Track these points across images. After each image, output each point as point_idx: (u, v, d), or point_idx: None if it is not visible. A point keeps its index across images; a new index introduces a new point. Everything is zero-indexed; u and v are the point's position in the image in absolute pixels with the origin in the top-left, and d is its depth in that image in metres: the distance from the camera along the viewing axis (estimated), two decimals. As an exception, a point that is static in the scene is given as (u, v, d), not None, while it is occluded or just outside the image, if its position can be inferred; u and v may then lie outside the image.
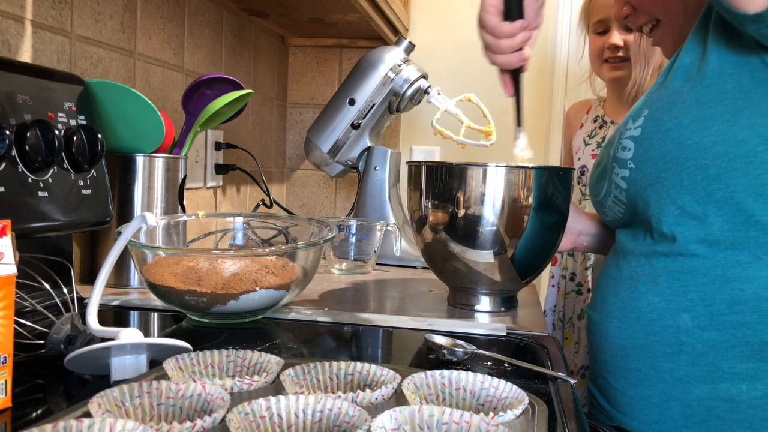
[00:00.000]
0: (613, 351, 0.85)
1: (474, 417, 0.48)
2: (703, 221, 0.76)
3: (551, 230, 0.95)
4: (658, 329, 0.79)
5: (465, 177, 0.92)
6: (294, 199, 2.04)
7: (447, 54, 1.90)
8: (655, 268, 0.80)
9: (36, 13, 0.93)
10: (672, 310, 0.78)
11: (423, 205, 0.97)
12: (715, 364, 0.76)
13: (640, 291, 0.81)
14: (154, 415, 0.52)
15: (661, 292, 0.79)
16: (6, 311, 0.54)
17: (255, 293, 0.83)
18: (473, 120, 1.44)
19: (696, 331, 0.76)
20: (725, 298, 0.75)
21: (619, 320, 0.83)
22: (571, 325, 1.61)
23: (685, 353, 0.77)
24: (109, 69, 1.11)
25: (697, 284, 0.76)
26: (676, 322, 0.78)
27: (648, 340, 0.80)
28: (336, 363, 0.60)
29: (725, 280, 0.75)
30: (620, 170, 0.83)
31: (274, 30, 1.86)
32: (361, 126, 1.46)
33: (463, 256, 0.94)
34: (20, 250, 0.58)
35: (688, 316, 0.77)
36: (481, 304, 0.98)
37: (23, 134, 0.78)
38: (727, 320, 0.75)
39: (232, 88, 1.13)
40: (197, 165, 1.46)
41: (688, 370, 0.77)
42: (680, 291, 0.77)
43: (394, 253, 1.35)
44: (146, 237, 0.95)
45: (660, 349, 0.79)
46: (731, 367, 0.75)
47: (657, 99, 0.81)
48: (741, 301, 0.74)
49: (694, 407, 0.77)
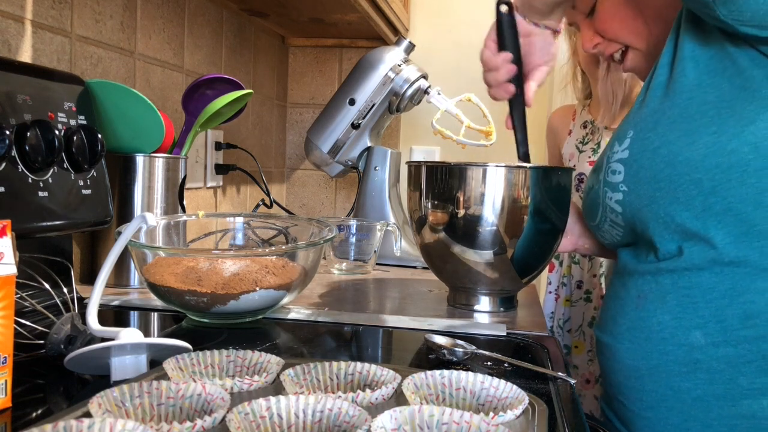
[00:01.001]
0: (626, 373, 0.82)
1: (474, 417, 0.48)
2: (705, 236, 0.74)
3: (550, 230, 0.95)
4: (671, 348, 0.77)
5: (465, 177, 0.92)
6: (294, 199, 2.04)
7: (447, 54, 1.90)
8: (662, 286, 0.78)
9: (36, 13, 0.93)
10: (683, 328, 0.76)
11: (423, 205, 0.97)
12: (733, 381, 0.73)
13: (649, 310, 0.79)
14: (154, 415, 0.52)
15: (671, 310, 0.77)
16: (6, 311, 0.54)
17: (255, 293, 0.83)
18: (473, 120, 1.44)
19: (710, 348, 0.74)
20: (737, 312, 0.73)
21: (630, 341, 0.81)
22: (581, 333, 1.60)
23: (701, 371, 0.75)
24: (109, 69, 1.11)
25: (706, 300, 0.74)
26: (688, 339, 0.75)
27: (661, 360, 0.78)
28: (336, 363, 0.60)
29: (735, 294, 0.73)
30: (613, 194, 0.81)
31: (274, 30, 1.86)
32: (361, 126, 1.46)
33: (462, 256, 0.94)
34: (20, 250, 0.58)
35: (700, 333, 0.74)
36: (480, 304, 0.99)
37: (23, 134, 0.78)
38: (741, 335, 0.72)
39: (232, 88, 1.13)
40: (197, 165, 1.46)
41: (706, 388, 0.75)
42: (690, 307, 0.75)
43: (394, 253, 1.35)
44: (146, 237, 0.95)
45: (675, 368, 0.77)
46: (750, 383, 0.72)
47: (640, 119, 0.80)
48: (753, 314, 0.72)
49: (715, 426, 0.75)
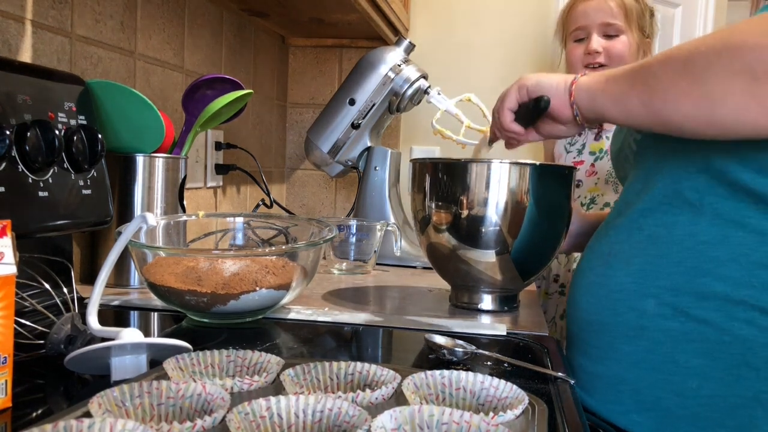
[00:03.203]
0: (580, 325, 0.85)
1: (474, 417, 0.48)
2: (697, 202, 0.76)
3: (554, 228, 0.95)
4: (623, 310, 0.78)
5: (468, 173, 0.92)
6: (294, 199, 2.04)
7: (447, 54, 1.90)
8: (632, 246, 0.80)
9: (36, 13, 0.93)
10: (639, 294, 0.77)
11: (426, 204, 0.97)
12: (670, 356, 0.75)
13: (615, 268, 0.81)
14: (154, 415, 0.52)
15: (633, 274, 0.78)
16: (6, 311, 0.54)
17: (255, 293, 0.83)
18: (473, 120, 1.44)
19: (658, 318, 0.76)
20: (693, 291, 0.74)
21: (590, 295, 0.83)
22: (554, 324, 1.62)
23: (644, 339, 0.77)
24: (109, 69, 1.11)
25: (668, 272, 0.76)
26: (641, 305, 0.77)
27: (612, 319, 0.79)
28: (336, 363, 0.60)
29: (697, 274, 0.74)
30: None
31: (274, 30, 1.86)
32: (361, 126, 1.46)
33: (465, 254, 0.94)
34: (20, 250, 0.58)
35: (653, 302, 0.76)
36: (483, 302, 0.98)
37: (23, 134, 0.78)
38: (691, 314, 0.74)
39: (232, 88, 1.13)
40: (197, 165, 1.46)
41: (644, 356, 0.77)
42: (651, 275, 0.77)
43: (394, 253, 1.35)
44: (146, 237, 0.95)
45: (621, 330, 0.78)
46: (686, 362, 0.74)
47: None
48: (708, 297, 0.73)
49: (644, 394, 0.77)
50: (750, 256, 0.72)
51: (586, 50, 1.50)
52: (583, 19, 1.51)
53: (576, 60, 1.55)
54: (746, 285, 0.71)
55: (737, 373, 0.72)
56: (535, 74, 0.85)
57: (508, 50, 1.89)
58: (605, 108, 0.76)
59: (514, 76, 0.91)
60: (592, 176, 1.56)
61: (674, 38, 1.91)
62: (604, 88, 0.75)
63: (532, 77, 0.84)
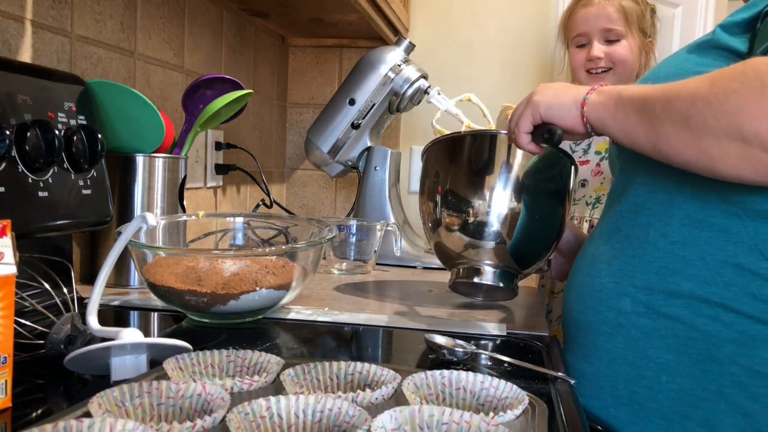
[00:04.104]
0: (569, 323, 0.89)
1: (474, 417, 0.48)
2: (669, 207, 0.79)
3: (552, 215, 0.98)
4: (604, 309, 0.82)
5: (484, 142, 0.97)
6: (294, 199, 2.04)
7: (447, 54, 1.90)
8: (613, 249, 0.83)
9: (36, 13, 0.93)
10: (617, 293, 0.80)
11: (433, 181, 1.00)
12: (643, 352, 0.78)
13: (598, 269, 0.84)
14: (154, 415, 0.52)
15: (613, 274, 0.81)
16: (6, 311, 0.54)
17: (255, 293, 0.83)
18: (473, 120, 1.44)
19: (633, 316, 0.79)
20: (664, 290, 0.77)
21: (577, 294, 0.87)
22: (560, 323, 1.62)
23: (621, 336, 0.80)
24: (109, 69, 1.11)
25: (643, 272, 0.78)
26: (618, 304, 0.80)
27: (594, 318, 0.83)
28: (336, 363, 0.60)
29: (668, 273, 0.77)
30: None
31: (274, 30, 1.86)
32: (361, 126, 1.46)
33: (469, 229, 0.96)
34: (20, 250, 0.58)
35: (629, 300, 0.79)
36: (480, 276, 0.97)
37: (23, 134, 0.78)
38: (662, 311, 0.77)
39: (232, 88, 1.13)
40: (197, 165, 1.46)
41: (620, 352, 0.80)
42: (628, 275, 0.80)
43: (394, 253, 1.35)
44: (146, 237, 0.95)
45: (601, 328, 0.82)
46: (657, 357, 0.77)
47: None
48: (678, 295, 0.76)
49: (620, 389, 0.80)
50: (716, 255, 0.74)
51: (588, 57, 1.51)
52: (584, 25, 1.51)
53: (579, 65, 1.55)
54: (711, 283, 0.74)
55: (703, 367, 0.74)
56: (545, 93, 0.84)
57: (508, 50, 1.89)
58: (614, 135, 0.78)
59: (514, 76, 0.91)
60: (598, 176, 1.55)
61: (674, 38, 1.91)
62: (614, 115, 0.76)
63: (543, 100, 0.84)
